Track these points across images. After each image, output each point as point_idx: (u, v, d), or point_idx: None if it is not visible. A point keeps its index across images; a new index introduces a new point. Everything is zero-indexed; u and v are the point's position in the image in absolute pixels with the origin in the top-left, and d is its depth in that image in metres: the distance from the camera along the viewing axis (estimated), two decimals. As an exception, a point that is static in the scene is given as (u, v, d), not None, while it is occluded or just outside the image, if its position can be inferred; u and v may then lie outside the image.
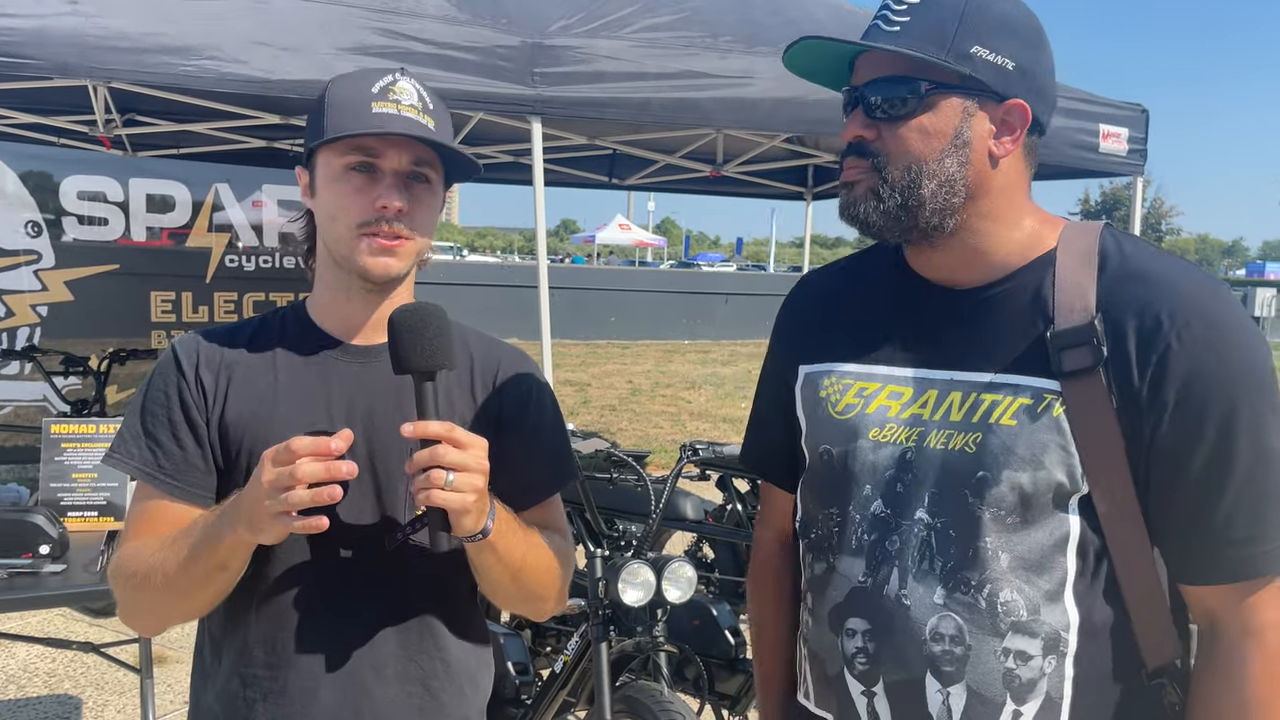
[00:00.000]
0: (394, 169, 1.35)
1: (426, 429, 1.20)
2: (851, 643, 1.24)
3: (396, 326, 1.25)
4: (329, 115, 1.35)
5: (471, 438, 1.22)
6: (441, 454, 1.18)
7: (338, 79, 1.39)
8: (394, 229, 1.34)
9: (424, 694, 1.42)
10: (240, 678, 1.39)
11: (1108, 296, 1.16)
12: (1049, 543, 1.16)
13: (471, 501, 1.21)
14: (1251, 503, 1.13)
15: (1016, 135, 1.20)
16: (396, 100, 1.35)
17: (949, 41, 1.15)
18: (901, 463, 1.22)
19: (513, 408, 1.48)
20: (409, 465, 1.21)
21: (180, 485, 1.37)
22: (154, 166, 6.63)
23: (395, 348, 1.25)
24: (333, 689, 1.37)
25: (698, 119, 4.36)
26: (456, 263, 29.78)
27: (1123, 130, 5.19)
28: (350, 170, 1.34)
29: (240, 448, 1.37)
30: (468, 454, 1.20)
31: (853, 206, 1.22)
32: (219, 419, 1.38)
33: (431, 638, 1.42)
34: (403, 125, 1.33)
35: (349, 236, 1.35)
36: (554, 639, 3.65)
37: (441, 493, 1.18)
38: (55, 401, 6.08)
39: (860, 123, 1.21)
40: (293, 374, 1.40)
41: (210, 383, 1.39)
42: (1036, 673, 1.16)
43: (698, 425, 11.17)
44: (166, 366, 1.41)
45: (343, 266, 1.39)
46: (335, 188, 1.35)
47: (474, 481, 1.21)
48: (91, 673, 4.27)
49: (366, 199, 1.33)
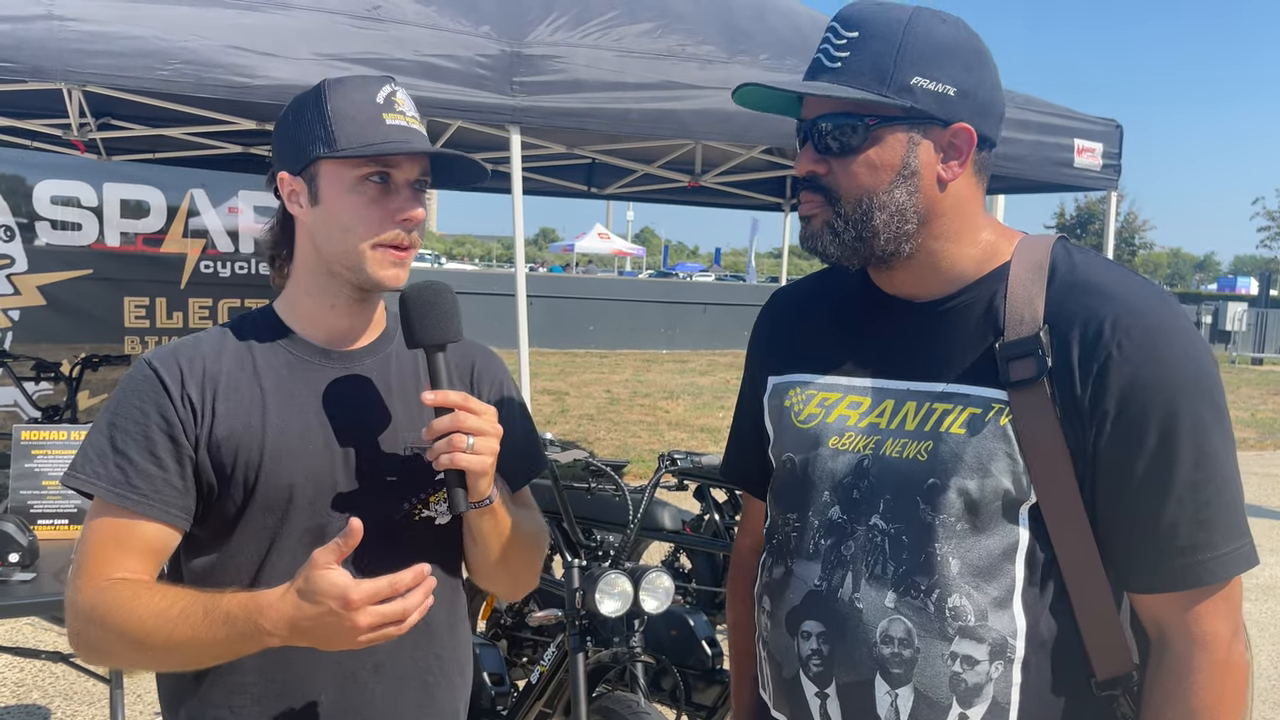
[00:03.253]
0: (408, 180, 1.37)
1: (447, 397, 1.30)
2: (807, 645, 1.26)
3: (410, 303, 1.34)
4: (339, 126, 1.33)
5: (484, 405, 1.32)
6: (462, 420, 1.28)
7: (332, 86, 1.37)
8: (410, 239, 1.38)
9: (420, 689, 1.45)
10: (225, 686, 1.37)
11: (1055, 307, 1.19)
12: (998, 550, 1.18)
13: (489, 464, 1.30)
14: (1195, 509, 1.14)
15: (964, 158, 1.23)
16: (402, 111, 1.37)
17: (888, 76, 1.18)
18: (858, 470, 1.25)
19: (488, 402, 1.50)
20: (427, 432, 1.30)
21: (155, 504, 1.33)
22: (129, 171, 6.57)
23: (409, 322, 1.34)
24: (333, 690, 1.39)
25: (677, 130, 4.38)
26: (435, 270, 29.69)
27: (1097, 145, 5.25)
28: (365, 181, 1.34)
29: (235, 462, 1.35)
30: (484, 420, 1.30)
31: (812, 240, 1.27)
32: (208, 436, 1.35)
33: (426, 634, 1.44)
34: (420, 140, 1.38)
35: (363, 248, 1.35)
36: (530, 649, 3.63)
37: (464, 455, 1.28)
38: (26, 407, 6.01)
39: (811, 158, 1.25)
40: (278, 383, 1.40)
41: (198, 399, 1.36)
42: (983, 677, 1.18)
43: (676, 435, 11.18)
44: (145, 383, 1.36)
45: (339, 276, 1.39)
46: (349, 199, 1.35)
47: (491, 445, 1.30)
48: (60, 682, 4.22)
49: (384, 211, 1.35)
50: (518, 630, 3.67)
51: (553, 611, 2.91)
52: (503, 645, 3.57)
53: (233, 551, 1.38)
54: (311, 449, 1.37)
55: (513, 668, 3.48)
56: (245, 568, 1.37)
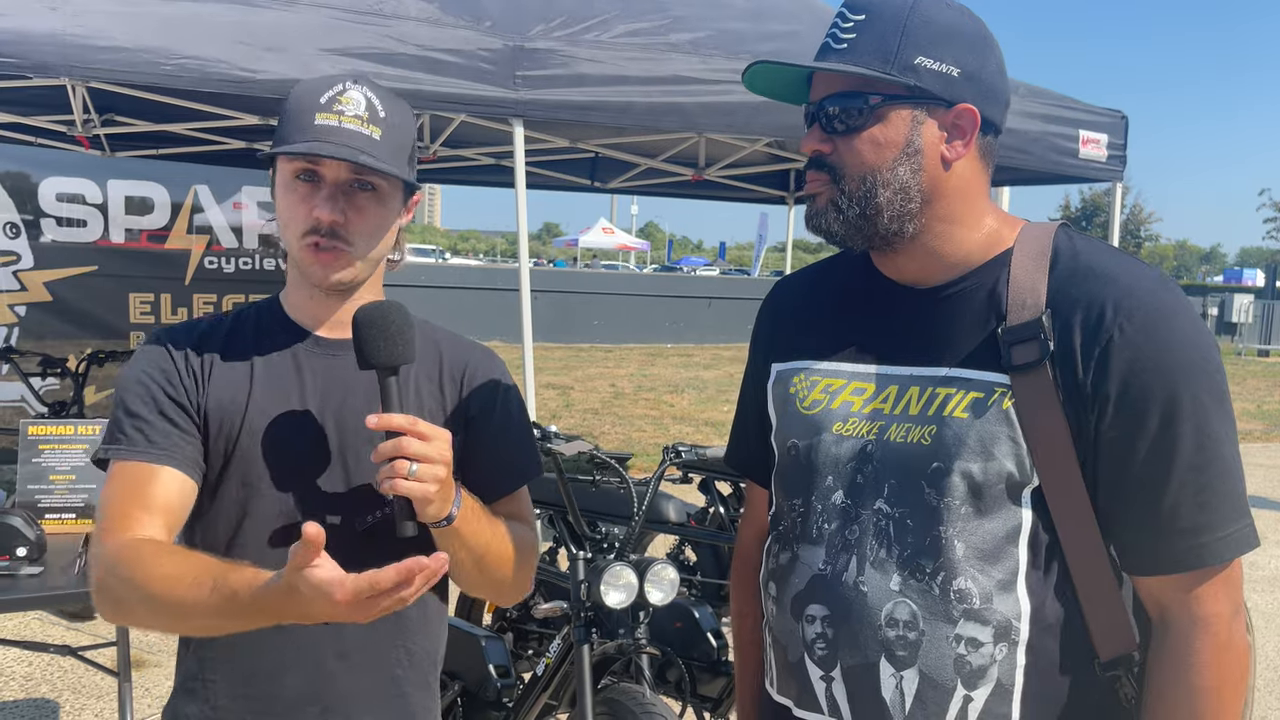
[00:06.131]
0: (335, 179, 1.38)
1: (390, 421, 1.27)
2: (811, 629, 1.28)
3: (359, 325, 1.33)
4: (281, 123, 1.39)
5: (435, 430, 1.28)
6: (405, 445, 1.25)
7: (299, 85, 1.43)
8: (331, 240, 1.38)
9: (388, 682, 1.47)
10: (199, 660, 1.42)
11: (1058, 292, 1.20)
12: (1002, 533, 1.20)
13: (434, 491, 1.27)
14: (1196, 491, 1.16)
15: (968, 139, 1.24)
16: (340, 111, 1.37)
17: (893, 55, 1.21)
18: (862, 455, 1.27)
19: (480, 405, 1.53)
20: (374, 455, 1.27)
21: (172, 455, 1.37)
22: (133, 168, 6.58)
23: (359, 345, 1.33)
24: (298, 674, 1.41)
25: (680, 123, 4.38)
26: (439, 265, 29.71)
27: (1102, 136, 5.24)
28: (296, 179, 1.38)
29: (218, 433, 1.40)
30: (430, 446, 1.26)
31: (816, 218, 1.28)
32: (203, 404, 1.41)
33: (397, 626, 1.45)
34: (340, 138, 1.36)
35: (296, 243, 1.39)
36: (536, 642, 3.64)
37: (405, 482, 1.25)
38: (33, 403, 6.02)
39: (817, 137, 1.27)
40: (267, 363, 1.44)
41: (198, 368, 1.42)
42: (987, 659, 1.19)
43: (680, 429, 11.18)
44: (153, 353, 1.43)
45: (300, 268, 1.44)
46: (284, 196, 1.40)
47: (436, 472, 1.26)
48: (69, 676, 4.24)
49: (307, 208, 1.37)
50: (523, 623, 3.68)
51: (558, 604, 2.91)
52: (508, 638, 3.57)
53: (208, 520, 1.42)
54: (288, 432, 1.41)
55: (518, 660, 3.49)
56: (216, 545, 1.40)
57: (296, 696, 1.41)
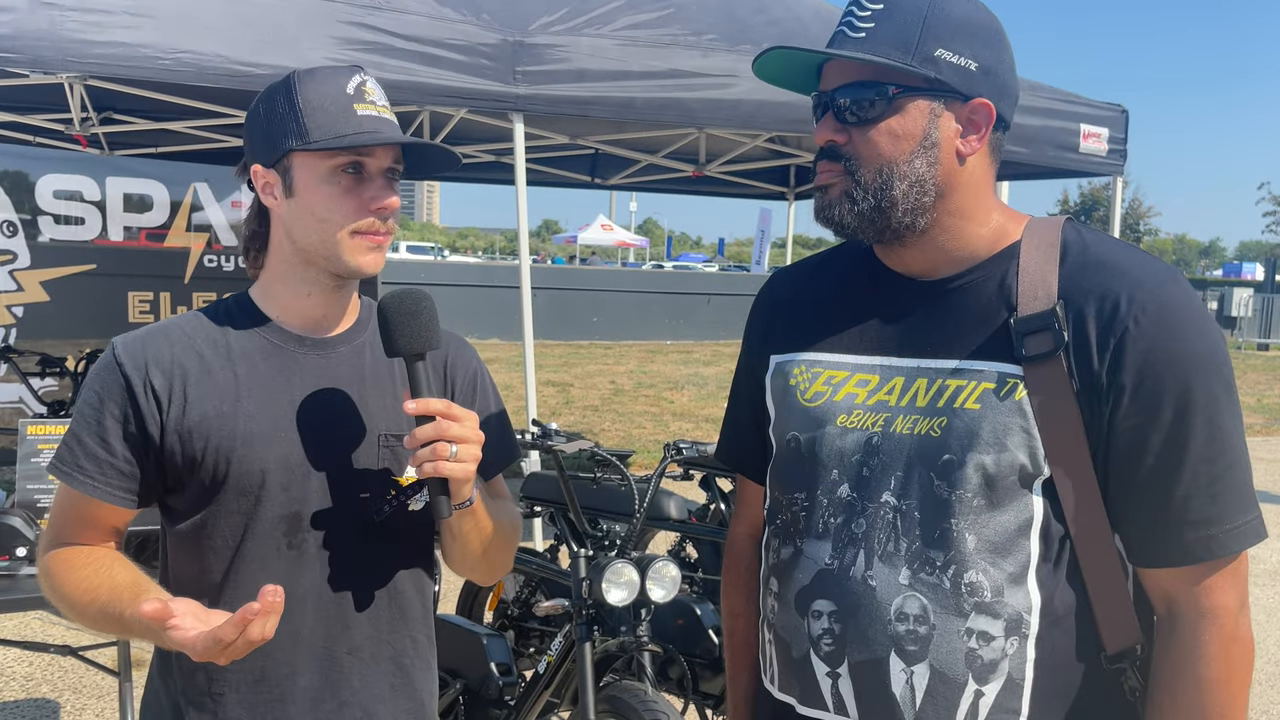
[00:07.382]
0: (381, 168, 1.39)
1: (429, 405, 1.30)
2: (818, 624, 1.26)
3: (389, 312, 1.34)
4: (311, 117, 1.36)
5: (465, 412, 1.32)
6: (445, 428, 1.29)
7: (302, 77, 1.40)
8: (386, 226, 1.40)
9: (396, 671, 1.48)
10: (205, 670, 1.39)
11: (1069, 284, 1.20)
12: (1013, 525, 1.19)
13: (472, 471, 1.32)
14: (1208, 483, 1.16)
15: (982, 133, 1.24)
16: (373, 101, 1.39)
17: (913, 46, 1.20)
18: (868, 448, 1.26)
19: (464, 392, 1.56)
20: (409, 440, 1.30)
21: (99, 485, 1.38)
22: (131, 166, 6.57)
23: (388, 332, 1.34)
24: (311, 674, 1.41)
25: (681, 118, 4.37)
26: (438, 263, 29.69)
27: (1103, 130, 5.23)
28: (340, 172, 1.37)
29: (207, 447, 1.37)
30: (466, 427, 1.31)
31: (828, 209, 1.27)
32: (178, 422, 1.37)
33: (402, 617, 1.48)
34: (391, 129, 1.39)
35: (340, 236, 1.37)
36: (537, 639, 3.64)
37: (448, 464, 1.29)
38: (31, 403, 6.01)
39: (831, 127, 1.25)
40: (251, 368, 1.41)
41: (163, 386, 1.37)
42: (999, 653, 1.18)
43: (681, 425, 11.18)
44: (108, 373, 1.39)
45: (315, 265, 1.41)
46: (324, 190, 1.37)
47: (474, 451, 1.31)
48: (69, 676, 4.23)
49: (359, 200, 1.37)
50: (525, 620, 3.67)
51: (560, 601, 2.91)
52: (510, 635, 3.57)
53: (210, 532, 1.39)
54: (284, 435, 1.39)
55: (520, 658, 3.48)
56: (223, 550, 1.39)
57: (313, 695, 1.41)
